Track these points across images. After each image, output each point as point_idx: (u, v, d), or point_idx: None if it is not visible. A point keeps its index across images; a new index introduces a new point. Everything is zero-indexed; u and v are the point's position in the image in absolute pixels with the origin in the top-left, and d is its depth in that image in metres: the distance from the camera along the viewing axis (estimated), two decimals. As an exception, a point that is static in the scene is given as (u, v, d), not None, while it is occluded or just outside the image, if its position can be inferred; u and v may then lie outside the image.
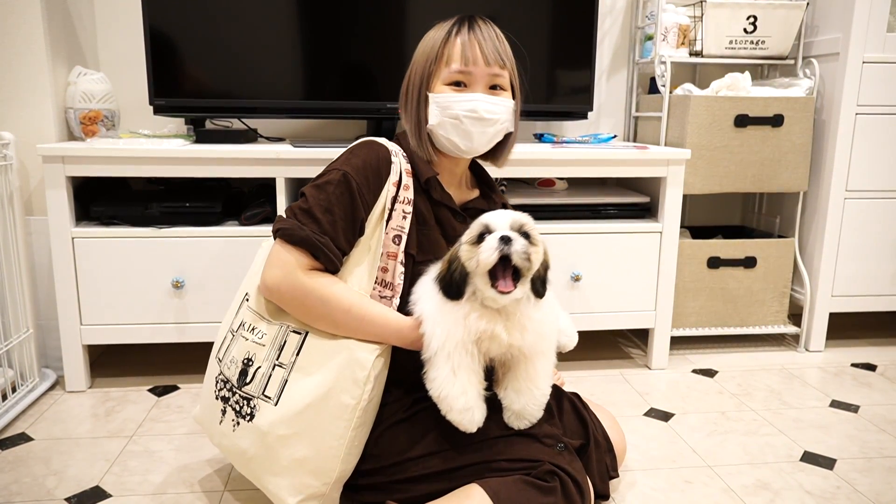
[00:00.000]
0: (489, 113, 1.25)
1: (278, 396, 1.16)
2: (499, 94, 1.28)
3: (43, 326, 1.88)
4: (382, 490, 1.22)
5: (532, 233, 1.11)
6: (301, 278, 1.15)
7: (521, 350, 1.15)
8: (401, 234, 1.23)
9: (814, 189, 2.18)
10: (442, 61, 1.26)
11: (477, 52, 1.24)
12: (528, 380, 1.17)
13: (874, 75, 2.04)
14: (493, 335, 1.12)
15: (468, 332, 1.11)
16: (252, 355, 1.21)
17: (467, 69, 1.24)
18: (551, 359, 1.21)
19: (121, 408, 1.73)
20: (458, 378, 1.12)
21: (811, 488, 1.41)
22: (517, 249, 1.07)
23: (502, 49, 1.27)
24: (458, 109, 1.24)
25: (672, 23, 2.15)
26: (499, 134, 1.30)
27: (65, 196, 1.70)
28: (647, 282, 1.98)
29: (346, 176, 1.17)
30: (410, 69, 1.31)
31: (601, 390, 1.89)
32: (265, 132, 2.16)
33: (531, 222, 1.13)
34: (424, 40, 1.30)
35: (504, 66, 1.27)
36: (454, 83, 1.25)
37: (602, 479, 1.28)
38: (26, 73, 1.80)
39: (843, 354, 2.19)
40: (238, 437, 1.20)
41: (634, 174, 1.93)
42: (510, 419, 1.19)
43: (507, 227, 1.10)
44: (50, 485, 1.37)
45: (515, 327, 1.13)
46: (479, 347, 1.13)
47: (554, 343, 1.22)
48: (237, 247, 1.77)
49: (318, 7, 1.89)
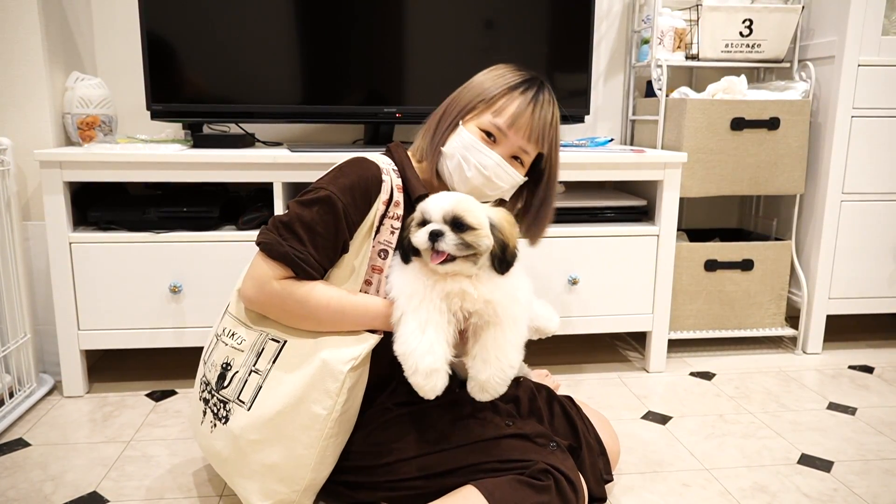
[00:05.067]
0: (497, 178, 1.27)
1: (252, 402, 1.18)
2: (515, 166, 1.29)
3: (40, 331, 1.88)
4: (376, 489, 1.22)
5: (467, 219, 1.13)
6: (275, 286, 1.17)
7: (495, 309, 1.14)
8: (387, 248, 1.24)
9: (810, 192, 2.19)
10: (491, 108, 1.26)
11: (525, 122, 1.25)
12: (496, 348, 1.15)
13: (869, 78, 2.05)
14: (463, 291, 1.13)
15: (438, 285, 1.13)
16: (231, 360, 1.23)
17: (506, 131, 1.25)
18: (522, 330, 1.18)
19: (118, 413, 1.73)
20: (425, 334, 1.10)
21: (808, 491, 1.41)
22: (446, 244, 1.11)
23: (549, 133, 1.28)
24: (472, 156, 1.25)
25: (668, 26, 2.16)
26: (491, 198, 1.31)
27: (62, 201, 1.70)
28: (644, 285, 1.98)
29: (332, 197, 1.17)
30: (462, 91, 1.31)
31: (599, 393, 1.89)
32: (262, 137, 2.17)
33: (469, 208, 1.14)
34: (491, 76, 1.30)
35: (541, 148, 1.29)
36: (486, 132, 1.26)
37: (597, 481, 1.28)
38: (24, 79, 1.81)
39: (841, 357, 2.19)
40: (214, 438, 1.23)
41: (631, 177, 1.94)
42: (473, 390, 1.17)
43: (440, 218, 1.13)
44: (47, 490, 1.37)
45: (486, 286, 1.14)
46: (449, 306, 1.13)
47: (526, 315, 1.21)
48: (235, 251, 1.77)
49: (316, 12, 1.89)
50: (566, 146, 2.08)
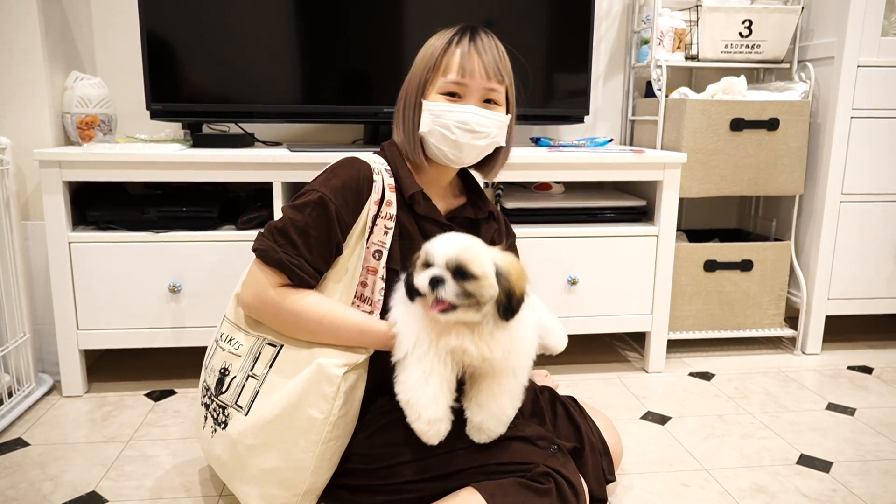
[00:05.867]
0: (480, 126, 1.25)
1: (249, 407, 1.18)
2: (492, 108, 1.27)
3: (40, 331, 1.88)
4: (377, 492, 1.22)
5: (471, 268, 1.07)
6: (271, 295, 1.17)
7: (492, 365, 1.13)
8: (381, 249, 1.24)
9: (810, 192, 2.19)
10: (439, 70, 1.25)
11: (475, 64, 1.24)
12: (490, 397, 1.15)
13: (869, 79, 2.05)
14: (463, 350, 1.11)
15: (442, 335, 1.11)
16: (228, 365, 1.23)
17: (463, 81, 1.24)
18: (521, 378, 1.18)
19: (117, 412, 1.72)
20: (429, 385, 1.10)
21: (807, 491, 1.41)
22: (446, 293, 1.06)
23: (501, 64, 1.26)
24: (449, 119, 1.24)
25: (668, 27, 2.16)
26: (489, 147, 1.30)
27: (61, 201, 1.70)
28: (643, 285, 1.98)
29: (324, 199, 1.18)
30: (410, 75, 1.31)
31: (598, 394, 1.89)
32: (262, 136, 2.16)
33: (474, 256, 1.08)
34: (425, 47, 1.29)
35: (501, 81, 1.27)
36: (449, 93, 1.25)
37: (599, 482, 1.28)
38: (23, 78, 1.81)
39: (840, 357, 2.19)
40: (214, 443, 1.23)
41: (631, 178, 1.94)
42: (471, 431, 1.18)
43: (443, 264, 1.08)
44: (46, 490, 1.37)
45: (484, 341, 1.11)
46: (453, 357, 1.12)
47: (527, 361, 1.19)
48: (234, 251, 1.77)
49: (315, 12, 1.89)
50: (565, 146, 2.08)
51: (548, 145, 2.12)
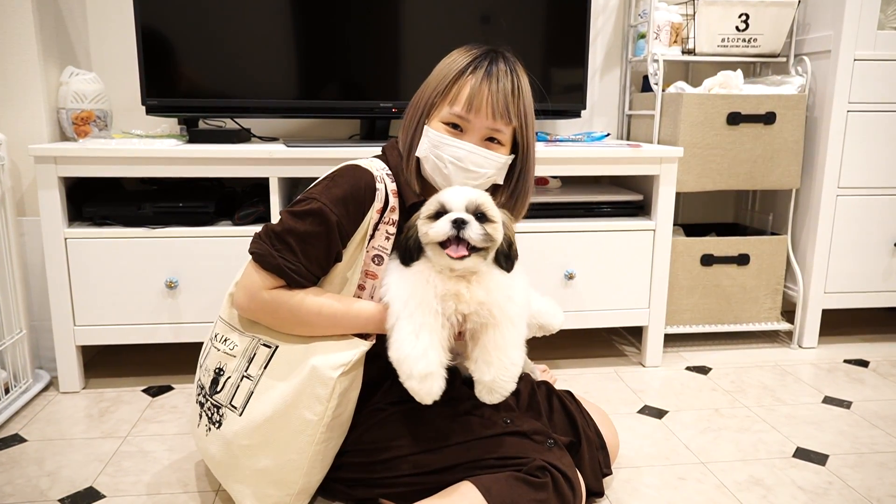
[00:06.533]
0: (475, 165, 1.22)
1: (243, 407, 1.18)
2: (493, 148, 1.23)
3: (36, 327, 1.88)
4: (373, 486, 1.23)
5: (488, 212, 1.12)
6: (265, 296, 1.17)
7: (491, 311, 1.11)
8: (382, 254, 1.23)
9: (806, 186, 2.19)
10: (447, 98, 1.21)
11: (483, 102, 1.18)
12: (497, 349, 1.12)
13: (865, 72, 2.05)
14: (457, 293, 1.11)
15: (433, 288, 1.11)
16: (223, 365, 1.23)
17: (468, 116, 1.20)
18: (521, 329, 1.16)
19: (115, 408, 1.72)
20: (419, 339, 1.08)
21: (803, 484, 1.41)
22: (471, 234, 1.09)
23: (512, 104, 1.20)
24: (444, 152, 1.21)
25: (664, 21, 2.16)
26: (483, 186, 1.25)
27: (57, 196, 1.70)
28: (640, 279, 1.98)
29: (325, 209, 1.15)
30: (424, 86, 1.26)
31: (595, 388, 1.90)
32: (258, 132, 2.16)
33: (488, 201, 1.14)
34: (445, 62, 1.25)
35: (508, 122, 1.21)
36: (452, 124, 1.22)
37: (595, 476, 1.28)
38: (18, 74, 1.80)
39: (836, 351, 2.20)
40: (209, 441, 1.23)
41: (628, 172, 1.94)
42: (481, 393, 1.14)
43: (462, 207, 1.11)
44: (44, 486, 1.37)
45: (481, 287, 1.12)
46: (444, 309, 1.11)
47: (524, 313, 1.18)
48: (231, 246, 1.77)
49: (312, 7, 1.89)
50: (562, 141, 2.08)
51: (544, 140, 2.12)
